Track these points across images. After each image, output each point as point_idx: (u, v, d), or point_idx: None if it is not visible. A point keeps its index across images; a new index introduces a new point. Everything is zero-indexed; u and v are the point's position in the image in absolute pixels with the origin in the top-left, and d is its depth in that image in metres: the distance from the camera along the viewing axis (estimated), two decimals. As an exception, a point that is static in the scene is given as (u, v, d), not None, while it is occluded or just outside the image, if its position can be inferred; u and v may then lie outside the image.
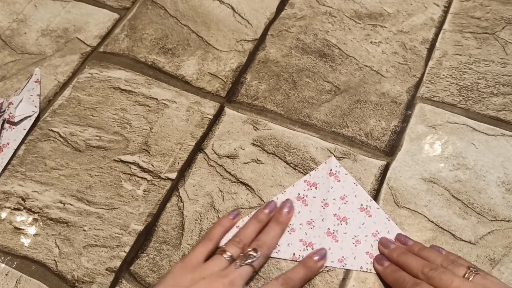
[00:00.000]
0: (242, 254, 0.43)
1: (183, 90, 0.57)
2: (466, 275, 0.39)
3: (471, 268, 0.39)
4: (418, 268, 0.41)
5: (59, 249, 0.47)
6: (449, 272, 0.39)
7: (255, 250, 0.43)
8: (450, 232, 0.45)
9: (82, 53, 0.62)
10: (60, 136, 0.55)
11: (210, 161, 0.52)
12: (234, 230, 0.47)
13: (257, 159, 0.51)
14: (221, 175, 0.51)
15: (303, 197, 0.48)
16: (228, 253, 0.42)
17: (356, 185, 0.49)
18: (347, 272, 0.44)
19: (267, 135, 0.53)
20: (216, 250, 0.44)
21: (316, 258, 0.44)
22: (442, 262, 0.41)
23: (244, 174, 0.50)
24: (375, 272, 0.44)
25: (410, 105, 0.54)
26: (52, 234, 0.48)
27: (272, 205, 0.47)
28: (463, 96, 0.54)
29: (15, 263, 0.47)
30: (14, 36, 0.65)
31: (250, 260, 0.42)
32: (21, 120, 0.56)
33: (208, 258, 0.43)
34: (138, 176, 0.51)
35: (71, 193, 0.51)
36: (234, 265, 0.41)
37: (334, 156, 0.51)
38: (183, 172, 0.51)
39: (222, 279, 0.40)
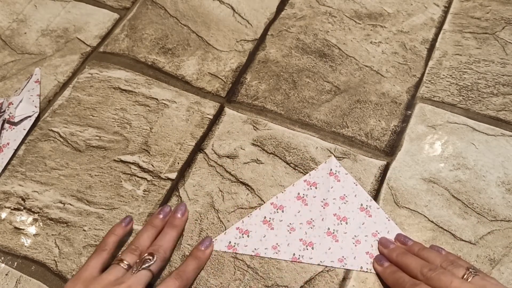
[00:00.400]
0: (138, 260, 0.42)
1: (183, 90, 0.57)
2: (465, 276, 0.39)
3: (470, 269, 0.39)
4: (417, 268, 0.41)
5: (59, 249, 0.47)
6: (448, 272, 0.39)
7: (151, 254, 0.43)
8: (450, 232, 0.45)
9: (82, 53, 0.62)
10: (60, 136, 0.55)
11: (210, 161, 0.52)
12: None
13: (257, 159, 0.51)
14: (221, 175, 0.51)
15: (303, 197, 0.48)
16: (125, 262, 0.42)
17: (356, 185, 0.49)
18: (347, 272, 0.44)
19: (267, 135, 0.53)
20: (113, 261, 0.43)
21: (202, 248, 0.45)
22: (441, 263, 0.41)
23: (244, 174, 0.50)
24: (374, 272, 0.44)
25: (410, 105, 0.54)
26: (52, 234, 0.48)
27: (166, 210, 0.47)
28: (463, 96, 0.54)
29: (15, 263, 0.47)
30: (14, 36, 0.65)
31: (147, 265, 0.41)
32: (21, 120, 0.56)
33: (104, 270, 0.42)
34: (138, 176, 0.51)
35: (71, 193, 0.51)
36: (131, 272, 0.41)
37: (334, 156, 0.51)
38: (183, 172, 0.51)
39: (119, 287, 0.39)
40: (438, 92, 0.54)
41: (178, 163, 0.52)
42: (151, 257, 0.42)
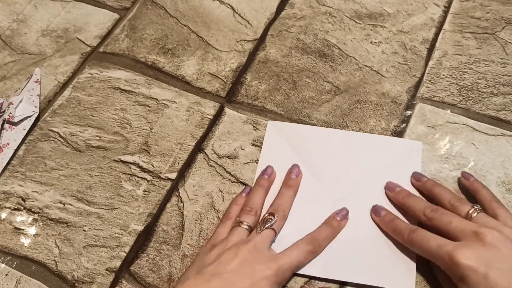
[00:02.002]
0: (260, 221, 0.44)
1: (183, 90, 0.57)
2: (470, 212, 0.40)
3: (475, 207, 0.40)
4: (420, 210, 0.42)
5: (59, 249, 0.47)
6: (449, 213, 0.41)
7: (271, 214, 0.44)
8: (450, 232, 0.45)
9: (82, 53, 0.62)
10: (60, 136, 0.55)
11: (210, 161, 0.52)
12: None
13: (257, 160, 0.51)
14: (221, 175, 0.51)
15: None
16: (245, 223, 0.44)
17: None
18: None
19: (267, 135, 0.53)
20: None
21: (338, 217, 0.46)
22: (450, 199, 0.42)
23: (244, 174, 0.50)
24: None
25: (410, 105, 0.54)
26: (52, 234, 0.48)
27: (268, 170, 0.49)
28: (463, 96, 0.54)
29: (15, 263, 0.47)
30: (14, 36, 0.65)
31: (269, 224, 0.43)
32: (21, 120, 0.56)
33: None
34: (138, 176, 0.51)
35: (71, 193, 0.51)
36: (255, 232, 0.43)
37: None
38: (183, 172, 0.51)
39: (246, 245, 0.41)
40: (438, 92, 0.54)
41: (178, 163, 0.52)
42: (272, 217, 0.44)
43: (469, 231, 0.38)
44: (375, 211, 0.46)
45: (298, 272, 0.43)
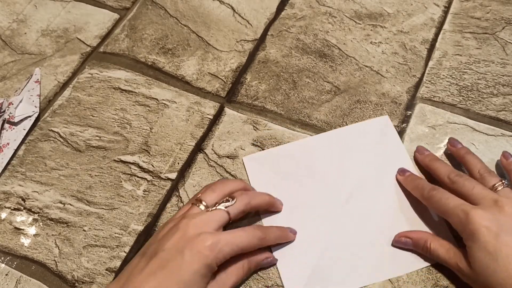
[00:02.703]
0: (217, 201, 0.41)
1: (183, 90, 0.57)
2: (496, 185, 0.40)
3: (503, 181, 0.41)
4: (445, 173, 0.43)
5: (59, 249, 0.47)
6: (474, 180, 0.41)
7: (232, 196, 0.41)
8: (453, 234, 0.45)
9: (82, 53, 0.62)
10: (60, 136, 0.55)
11: (210, 161, 0.52)
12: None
13: (257, 159, 0.51)
14: (221, 175, 0.51)
15: None
16: (204, 202, 0.41)
17: None
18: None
19: (267, 135, 0.53)
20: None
21: (291, 232, 0.45)
22: (480, 169, 0.43)
23: (244, 174, 0.50)
24: None
25: (410, 106, 0.54)
26: (52, 234, 0.48)
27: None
28: (463, 96, 0.54)
29: (15, 263, 0.47)
30: (14, 36, 0.65)
31: (224, 205, 0.40)
32: (21, 120, 0.56)
33: None
34: (138, 176, 0.51)
35: (71, 193, 0.51)
36: (206, 210, 0.40)
37: (334, 156, 0.51)
38: (183, 172, 0.51)
39: (190, 221, 0.38)
40: (438, 92, 0.54)
41: (178, 163, 0.52)
42: (230, 199, 0.40)
43: (490, 198, 0.38)
44: (401, 171, 0.47)
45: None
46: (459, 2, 0.61)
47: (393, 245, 0.44)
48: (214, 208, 0.40)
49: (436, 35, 0.59)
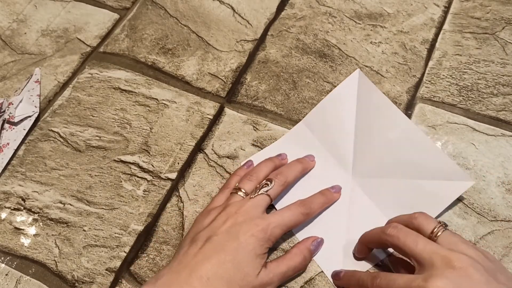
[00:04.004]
0: (256, 186, 0.43)
1: (183, 90, 0.57)
2: (434, 230, 0.37)
3: (441, 222, 0.38)
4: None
5: (59, 249, 0.47)
6: (412, 232, 0.38)
7: (269, 180, 0.44)
8: (450, 232, 0.45)
9: (82, 53, 0.62)
10: (60, 136, 0.55)
11: (210, 161, 0.52)
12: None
13: (257, 159, 0.51)
14: (221, 176, 0.51)
15: None
16: (243, 190, 0.43)
17: None
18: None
19: (267, 136, 0.53)
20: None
21: (332, 190, 0.47)
22: (412, 218, 0.39)
23: (244, 174, 0.50)
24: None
25: (410, 105, 0.54)
26: (52, 234, 0.48)
27: (284, 155, 0.49)
28: (463, 96, 0.54)
29: (15, 263, 0.47)
30: (14, 36, 0.65)
31: (265, 189, 0.43)
32: (21, 120, 0.56)
33: None
34: (138, 176, 0.51)
35: (71, 193, 0.51)
36: (249, 197, 0.42)
37: (334, 156, 0.51)
38: (183, 172, 0.51)
39: (237, 209, 0.41)
40: (438, 92, 0.54)
41: (178, 163, 0.52)
42: (269, 182, 0.43)
43: (439, 259, 0.35)
44: (335, 275, 0.43)
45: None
46: (459, 2, 0.61)
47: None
48: (256, 194, 0.43)
49: (436, 35, 0.59)
